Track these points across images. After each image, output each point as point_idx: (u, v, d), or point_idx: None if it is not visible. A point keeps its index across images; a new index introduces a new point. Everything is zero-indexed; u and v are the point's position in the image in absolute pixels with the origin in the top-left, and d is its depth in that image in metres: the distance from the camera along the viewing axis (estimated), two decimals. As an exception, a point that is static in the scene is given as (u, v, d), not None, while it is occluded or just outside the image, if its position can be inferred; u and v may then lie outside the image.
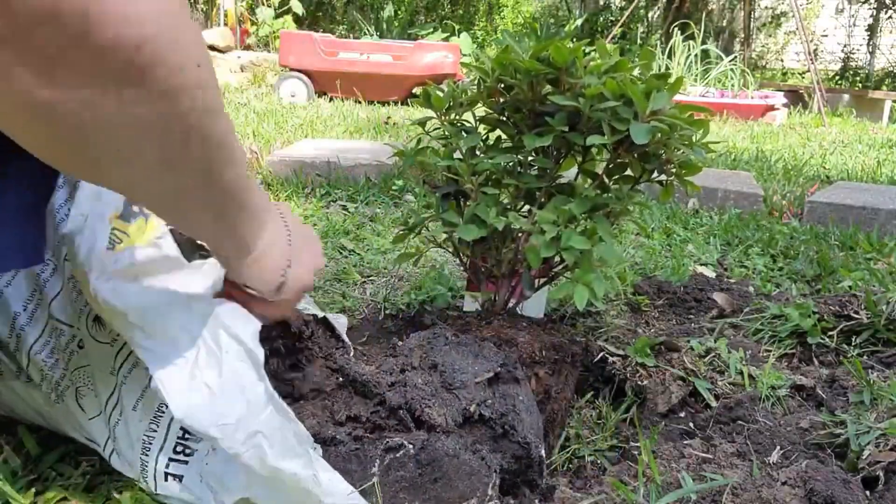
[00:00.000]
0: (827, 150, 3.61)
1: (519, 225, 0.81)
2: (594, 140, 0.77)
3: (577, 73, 0.79)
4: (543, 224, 0.79)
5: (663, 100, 0.75)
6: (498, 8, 10.52)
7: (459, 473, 0.66)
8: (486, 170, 0.84)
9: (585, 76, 0.79)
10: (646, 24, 9.00)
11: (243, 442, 0.61)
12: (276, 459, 0.61)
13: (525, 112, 0.86)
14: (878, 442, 0.78)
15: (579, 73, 0.79)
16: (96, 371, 0.72)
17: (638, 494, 0.70)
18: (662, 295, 1.28)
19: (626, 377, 0.97)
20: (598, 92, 0.77)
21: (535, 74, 0.81)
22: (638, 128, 0.75)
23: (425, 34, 8.01)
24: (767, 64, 9.71)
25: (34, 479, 0.73)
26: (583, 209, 0.81)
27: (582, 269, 0.78)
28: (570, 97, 0.79)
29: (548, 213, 0.80)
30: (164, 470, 0.68)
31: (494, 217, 0.81)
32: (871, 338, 1.07)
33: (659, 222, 1.91)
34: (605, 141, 0.77)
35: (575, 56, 0.78)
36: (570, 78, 0.80)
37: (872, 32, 8.95)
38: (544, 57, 0.81)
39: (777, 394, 0.93)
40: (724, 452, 0.79)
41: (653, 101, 0.75)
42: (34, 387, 0.74)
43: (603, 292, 0.78)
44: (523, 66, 0.80)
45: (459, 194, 0.91)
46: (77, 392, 0.73)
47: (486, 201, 0.84)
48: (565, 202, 0.82)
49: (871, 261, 1.60)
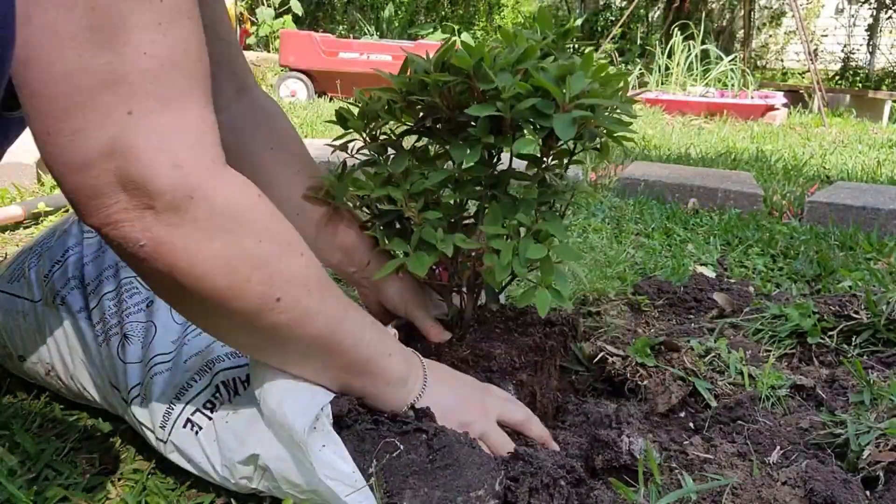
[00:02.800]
0: (827, 150, 3.61)
1: (467, 247, 0.79)
2: (522, 148, 0.74)
3: (486, 74, 0.73)
4: (494, 243, 0.76)
5: (580, 81, 0.70)
6: (498, 8, 10.52)
7: (469, 463, 0.66)
8: (423, 189, 0.80)
9: (497, 75, 0.73)
10: (646, 25, 9.00)
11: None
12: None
13: (445, 122, 0.81)
14: (878, 442, 0.77)
15: (489, 74, 0.73)
16: (161, 328, 0.81)
17: (638, 494, 0.70)
18: (662, 295, 1.28)
19: (626, 377, 0.96)
20: (516, 92, 0.72)
21: (444, 85, 0.76)
22: (561, 122, 0.70)
23: (425, 34, 8.01)
24: (767, 64, 9.71)
25: (33, 479, 0.73)
26: (529, 215, 0.78)
27: (542, 271, 0.76)
28: (488, 104, 0.73)
29: (495, 227, 0.77)
30: (188, 416, 0.72)
31: (441, 242, 0.78)
32: (871, 338, 1.07)
33: (659, 222, 1.91)
34: (533, 144, 0.74)
35: (481, 56, 0.72)
36: (482, 82, 0.73)
37: (872, 32, 8.95)
38: (450, 65, 0.75)
39: (777, 394, 0.93)
40: (725, 452, 0.79)
41: (570, 87, 0.70)
42: (90, 325, 0.83)
43: (569, 291, 0.76)
44: (430, 80, 0.75)
45: (402, 218, 0.87)
46: (124, 339, 0.80)
47: (430, 224, 0.80)
48: (511, 210, 0.78)
49: (871, 261, 1.60)
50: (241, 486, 0.69)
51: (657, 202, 2.14)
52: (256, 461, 0.67)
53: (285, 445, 0.66)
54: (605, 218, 1.92)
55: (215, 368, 0.76)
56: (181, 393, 0.74)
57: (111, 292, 0.84)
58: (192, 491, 0.73)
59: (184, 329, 0.81)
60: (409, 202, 0.80)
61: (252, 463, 0.67)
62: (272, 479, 0.67)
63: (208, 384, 0.75)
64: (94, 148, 0.49)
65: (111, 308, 0.83)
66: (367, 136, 0.88)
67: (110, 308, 0.83)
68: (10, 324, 0.88)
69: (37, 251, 0.91)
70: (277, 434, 0.66)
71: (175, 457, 0.72)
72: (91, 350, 0.81)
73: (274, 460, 0.66)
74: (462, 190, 0.82)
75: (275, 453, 0.66)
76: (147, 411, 0.75)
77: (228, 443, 0.69)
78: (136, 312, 0.82)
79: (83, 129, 0.49)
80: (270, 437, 0.67)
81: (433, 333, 0.87)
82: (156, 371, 0.76)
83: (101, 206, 0.51)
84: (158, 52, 0.50)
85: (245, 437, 0.68)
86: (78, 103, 0.48)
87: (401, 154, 0.84)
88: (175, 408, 0.73)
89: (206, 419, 0.72)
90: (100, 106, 0.49)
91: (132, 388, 0.77)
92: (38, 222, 1.70)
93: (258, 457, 0.67)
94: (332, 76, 5.17)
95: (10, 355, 0.90)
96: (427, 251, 0.79)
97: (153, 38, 0.50)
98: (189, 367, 0.76)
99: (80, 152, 0.49)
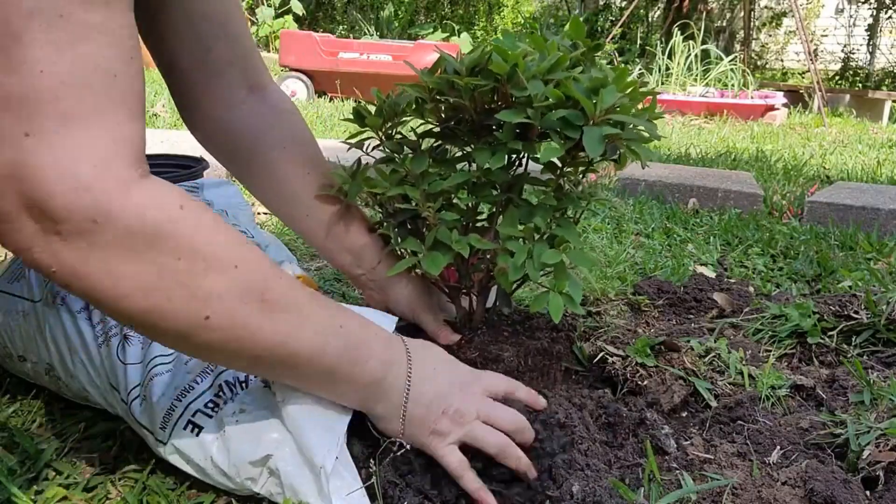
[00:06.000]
0: (827, 150, 3.60)
1: (483, 248, 0.79)
2: (548, 157, 0.73)
3: (519, 80, 0.73)
4: (509, 245, 0.76)
5: (612, 95, 0.70)
6: (498, 8, 10.53)
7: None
8: (440, 190, 0.80)
9: (529, 82, 0.73)
10: (646, 24, 9.00)
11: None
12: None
13: (469, 124, 0.81)
14: (878, 442, 0.77)
15: (522, 80, 0.73)
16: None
17: (638, 494, 0.70)
18: (662, 295, 1.28)
19: (626, 377, 0.96)
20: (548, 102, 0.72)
21: (475, 88, 0.75)
22: (591, 137, 0.70)
23: (425, 34, 8.01)
24: (767, 64, 9.71)
25: (33, 479, 0.73)
26: (546, 221, 0.78)
27: (556, 277, 0.76)
28: (518, 111, 0.73)
29: (511, 229, 0.77)
30: (189, 417, 0.72)
31: (457, 242, 0.78)
32: (871, 338, 1.07)
33: (659, 222, 1.91)
34: (559, 152, 0.74)
35: (515, 63, 0.72)
36: (515, 89, 0.73)
37: (872, 32, 8.94)
38: (482, 67, 0.75)
39: (777, 394, 0.93)
40: (725, 452, 0.79)
41: (601, 100, 0.70)
42: (90, 325, 0.82)
43: (580, 296, 0.76)
44: (462, 81, 0.75)
45: (416, 218, 0.86)
46: (124, 340, 0.79)
47: (446, 225, 0.80)
48: (527, 214, 0.78)
49: (871, 261, 1.60)
50: (243, 488, 0.69)
51: (657, 202, 2.14)
52: (267, 462, 0.67)
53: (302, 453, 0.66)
54: (605, 218, 1.92)
55: (218, 369, 0.76)
56: (182, 395, 0.74)
57: None
58: (192, 491, 0.73)
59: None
60: (426, 202, 0.80)
61: (262, 465, 0.67)
62: (276, 485, 0.67)
63: (210, 385, 0.75)
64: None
65: None
66: (383, 134, 0.87)
67: None
68: (10, 324, 0.88)
69: (37, 251, 0.90)
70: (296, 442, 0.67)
71: (174, 458, 0.72)
72: (91, 350, 0.81)
73: (285, 463, 0.66)
74: (478, 192, 0.82)
75: (290, 458, 0.66)
76: (146, 412, 0.75)
77: (239, 441, 0.69)
78: None
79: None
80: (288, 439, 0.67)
81: (442, 336, 0.86)
82: (156, 372, 0.76)
83: (11, 231, 0.49)
84: (58, 70, 0.47)
85: (260, 437, 0.68)
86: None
87: (420, 154, 0.84)
88: (176, 409, 0.73)
89: (209, 418, 0.72)
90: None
91: (132, 389, 0.77)
92: (38, 222, 1.70)
93: (271, 457, 0.67)
94: (332, 76, 5.17)
95: (10, 355, 0.90)
96: (441, 251, 0.79)
97: (52, 56, 0.47)
98: (190, 369, 0.76)
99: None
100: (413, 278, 0.91)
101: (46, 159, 0.47)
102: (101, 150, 0.49)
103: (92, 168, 0.49)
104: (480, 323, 0.90)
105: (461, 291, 0.89)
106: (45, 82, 0.47)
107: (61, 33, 0.47)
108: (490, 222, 0.85)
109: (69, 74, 0.48)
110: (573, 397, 0.86)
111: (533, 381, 0.85)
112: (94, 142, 0.49)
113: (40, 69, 0.47)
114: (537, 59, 0.75)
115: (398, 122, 0.86)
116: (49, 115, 0.47)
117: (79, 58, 0.48)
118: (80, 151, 0.48)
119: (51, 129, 0.47)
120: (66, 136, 0.48)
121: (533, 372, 0.85)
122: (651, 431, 0.81)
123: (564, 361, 0.92)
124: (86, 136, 0.49)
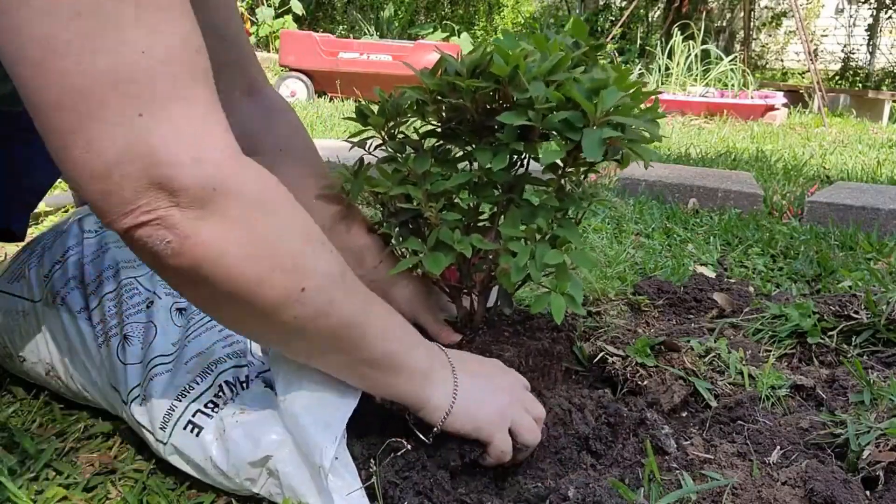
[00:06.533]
0: (827, 150, 3.61)
1: (485, 248, 0.79)
2: (549, 158, 0.74)
3: (520, 82, 0.72)
4: (511, 245, 0.76)
5: (613, 96, 0.70)
6: (498, 8, 10.52)
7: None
8: (442, 190, 0.80)
9: (530, 83, 0.72)
10: (646, 24, 9.00)
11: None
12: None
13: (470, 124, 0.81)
14: (878, 442, 0.77)
15: (524, 82, 0.72)
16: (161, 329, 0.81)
17: (638, 494, 0.70)
18: (662, 295, 1.28)
19: (626, 377, 0.96)
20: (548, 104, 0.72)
21: (476, 90, 0.75)
22: (590, 140, 0.70)
23: (425, 34, 8.01)
24: (767, 64, 9.71)
25: (33, 479, 0.73)
26: (548, 221, 0.78)
27: (558, 277, 0.76)
28: (520, 113, 0.73)
29: (512, 229, 0.77)
30: (189, 417, 0.72)
31: (459, 242, 0.78)
32: (871, 338, 1.07)
33: (659, 222, 1.91)
34: (560, 154, 0.74)
35: (517, 64, 0.72)
36: (516, 91, 0.73)
37: (872, 32, 8.94)
38: (483, 69, 0.75)
39: (777, 394, 0.93)
40: (725, 452, 0.79)
41: (602, 102, 0.70)
42: (90, 325, 0.83)
43: (582, 297, 0.76)
44: (463, 83, 0.75)
45: (417, 218, 0.87)
46: (124, 340, 0.80)
47: (448, 225, 0.80)
48: (529, 215, 0.78)
49: (871, 261, 1.60)
50: (243, 488, 0.69)
51: (657, 202, 2.14)
52: (267, 463, 0.67)
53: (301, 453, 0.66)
54: (606, 218, 1.92)
55: (218, 369, 0.76)
56: (182, 394, 0.74)
57: (111, 293, 0.84)
58: (192, 491, 0.73)
59: (185, 330, 0.81)
60: (429, 202, 0.80)
61: (261, 465, 0.67)
62: (276, 486, 0.67)
63: (210, 385, 0.75)
64: (110, 155, 0.49)
65: (111, 309, 0.83)
66: (386, 134, 0.88)
67: (110, 309, 0.83)
68: (10, 324, 0.88)
69: (37, 251, 0.91)
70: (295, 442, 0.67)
71: (174, 459, 0.72)
72: (91, 350, 0.81)
73: (284, 464, 0.66)
74: (480, 193, 0.82)
75: (289, 459, 0.66)
76: (146, 412, 0.75)
77: (239, 441, 0.69)
78: (136, 313, 0.82)
79: (96, 138, 0.48)
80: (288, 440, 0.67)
81: (443, 336, 0.86)
82: (156, 372, 0.76)
83: (126, 210, 0.50)
84: (156, 49, 0.49)
85: (260, 438, 0.68)
86: (85, 112, 0.48)
87: (422, 154, 0.84)
88: (176, 409, 0.73)
89: (208, 418, 0.72)
90: (108, 111, 0.48)
91: (132, 389, 0.77)
92: (38, 222, 1.70)
93: (270, 458, 0.67)
94: (332, 76, 5.17)
95: (10, 355, 0.90)
96: (443, 251, 0.79)
97: (148, 35, 0.49)
98: (191, 369, 0.76)
99: (98, 161, 0.49)
100: (414, 278, 0.91)
101: (166, 136, 0.49)
102: (205, 124, 0.52)
103: (204, 141, 0.51)
104: (481, 323, 0.90)
105: (462, 291, 0.89)
106: (147, 61, 0.49)
107: (151, 14, 0.49)
108: (491, 222, 0.85)
109: (166, 53, 0.50)
110: (573, 397, 0.86)
111: (533, 381, 0.85)
112: (198, 116, 0.52)
113: (141, 49, 0.49)
114: (539, 60, 0.75)
115: (400, 121, 0.86)
116: (157, 92, 0.49)
117: (171, 36, 0.50)
118: (190, 126, 0.51)
119: (161, 106, 0.50)
120: (175, 112, 0.50)
121: (534, 372, 0.85)
122: (651, 431, 0.81)
123: (565, 361, 0.92)
124: (191, 112, 0.51)
